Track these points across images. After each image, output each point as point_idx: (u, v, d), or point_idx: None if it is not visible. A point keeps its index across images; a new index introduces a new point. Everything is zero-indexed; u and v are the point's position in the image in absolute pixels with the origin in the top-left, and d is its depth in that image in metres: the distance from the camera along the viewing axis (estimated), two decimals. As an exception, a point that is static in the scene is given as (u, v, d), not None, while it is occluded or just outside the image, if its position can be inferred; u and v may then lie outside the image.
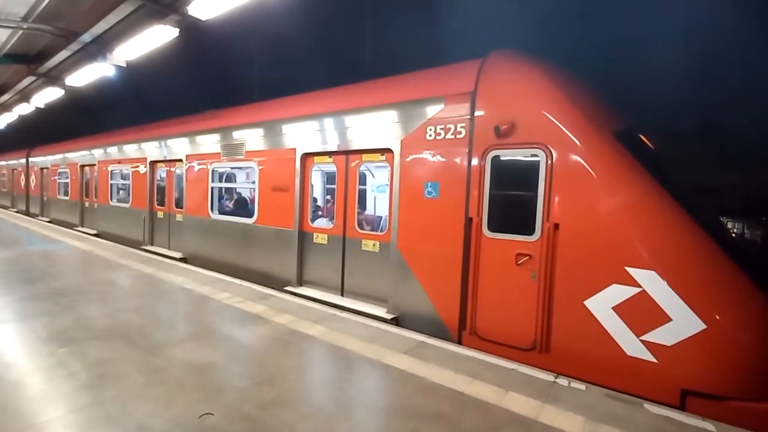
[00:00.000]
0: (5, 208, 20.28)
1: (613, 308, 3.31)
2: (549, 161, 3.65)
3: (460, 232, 4.16)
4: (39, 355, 3.49)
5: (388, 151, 4.89)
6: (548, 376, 3.33)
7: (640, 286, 3.20)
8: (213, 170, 7.68)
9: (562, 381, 3.26)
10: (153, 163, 9.47)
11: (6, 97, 9.69)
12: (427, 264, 4.49)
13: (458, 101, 4.26)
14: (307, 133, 5.86)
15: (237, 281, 6.26)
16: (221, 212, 7.77)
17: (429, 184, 4.43)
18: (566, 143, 3.59)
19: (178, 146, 8.56)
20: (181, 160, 8.45)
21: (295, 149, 5.99)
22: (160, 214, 9.44)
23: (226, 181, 8.38)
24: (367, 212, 7.26)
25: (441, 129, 4.35)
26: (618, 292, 3.29)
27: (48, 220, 15.18)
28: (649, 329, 3.19)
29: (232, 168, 7.85)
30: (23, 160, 18.64)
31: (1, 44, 6.47)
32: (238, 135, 7.07)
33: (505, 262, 3.90)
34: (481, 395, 3.04)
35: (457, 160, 4.22)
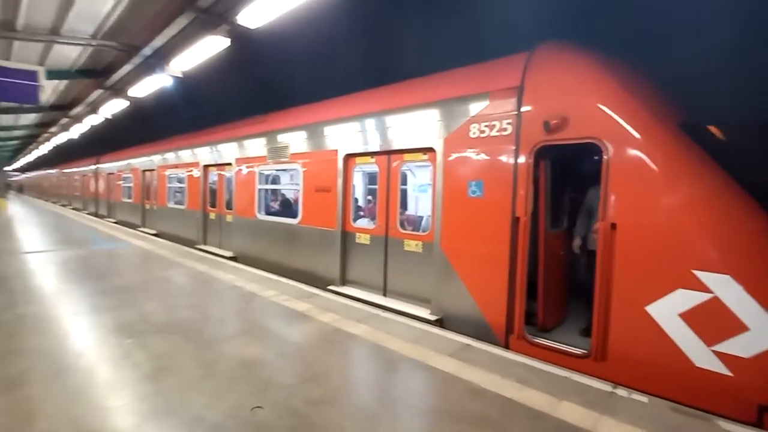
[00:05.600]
0: (78, 210, 22.36)
1: (679, 315, 3.04)
2: (605, 157, 3.43)
3: (507, 232, 4.01)
4: (107, 345, 3.78)
5: (431, 150, 4.83)
6: (605, 386, 3.12)
7: (712, 292, 2.92)
8: (259, 173, 7.98)
9: (622, 392, 3.05)
10: (206, 167, 10.02)
11: (78, 109, 10.67)
12: (471, 265, 4.38)
13: (504, 97, 4.11)
14: (348, 134, 5.93)
15: (283, 280, 6.46)
16: (267, 213, 8.06)
17: (473, 183, 4.31)
18: (624, 137, 3.35)
19: (228, 150, 8.99)
20: (230, 164, 8.87)
21: (337, 150, 6.08)
22: (212, 215, 9.98)
23: (271, 183, 8.69)
24: (408, 212, 7.23)
25: (485, 126, 4.22)
26: (685, 298, 3.02)
27: (114, 221, 16.53)
28: (722, 339, 2.90)
29: (277, 170, 8.13)
30: (93, 167, 20.48)
31: (73, 61, 7.10)
32: (282, 138, 7.31)
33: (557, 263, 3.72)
34: (531, 402, 2.90)
35: (503, 157, 4.08)
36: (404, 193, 5.67)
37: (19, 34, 5.45)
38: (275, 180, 9.02)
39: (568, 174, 4.27)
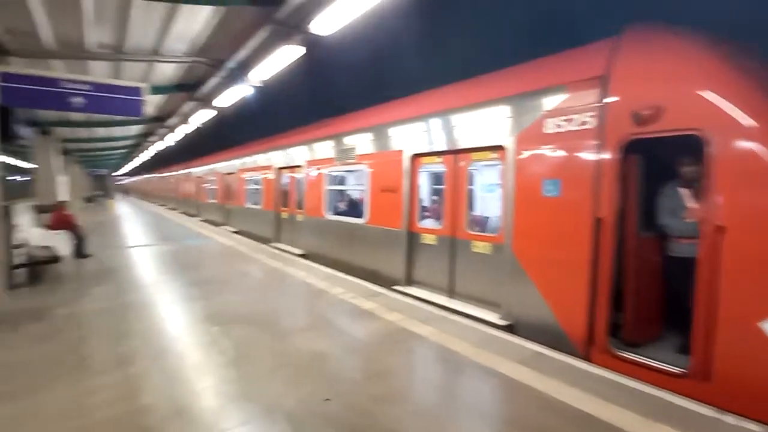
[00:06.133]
0: (172, 210, 25.11)
1: None
2: (709, 150, 3.01)
3: (587, 234, 3.70)
4: (197, 332, 4.18)
5: (500, 148, 4.64)
6: (709, 411, 2.74)
7: None
8: (327, 174, 8.30)
9: (729, 419, 2.64)
10: (278, 169, 10.67)
11: (173, 120, 12.00)
12: (546, 269, 4.11)
13: (584, 88, 3.80)
14: (414, 134, 5.92)
15: (350, 278, 6.63)
16: (335, 213, 8.35)
17: (548, 181, 4.05)
18: (735, 127, 2.91)
19: (299, 153, 9.49)
20: (301, 166, 9.35)
21: (402, 151, 6.10)
22: (284, 215, 10.59)
23: (338, 184, 8.99)
24: (473, 213, 7.02)
25: (563, 120, 3.94)
26: None
27: (201, 219, 18.29)
28: None
29: (344, 171, 8.39)
30: (183, 171, 22.89)
31: (170, 77, 7.99)
32: (349, 140, 7.52)
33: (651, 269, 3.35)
34: (616, 421, 2.64)
35: (584, 153, 3.77)
36: (471, 193, 5.51)
37: (127, 56, 6.27)
38: (342, 181, 9.31)
39: (665, 171, 3.80)
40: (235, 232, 13.30)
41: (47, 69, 6.39)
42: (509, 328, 4.39)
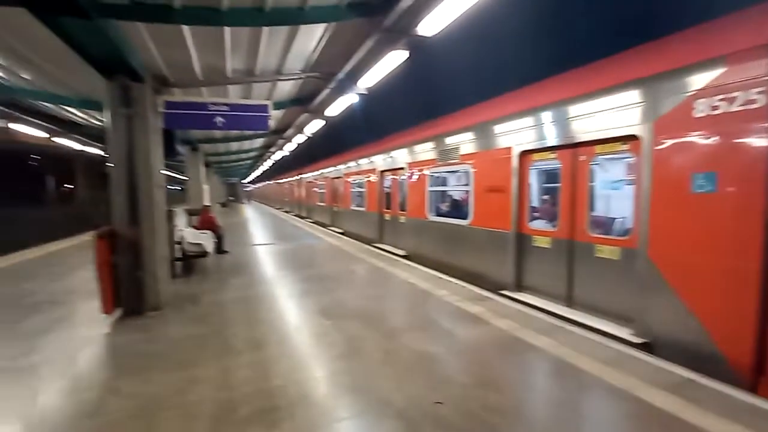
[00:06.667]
0: (287, 212, 27.95)
1: None
2: None
3: (757, 236, 2.99)
4: (313, 324, 4.52)
5: (633, 138, 4.04)
6: None
7: None
8: (429, 175, 8.29)
9: None
10: (381, 172, 11.05)
11: (290, 131, 13.31)
12: (696, 279, 3.44)
13: (751, 58, 3.09)
14: (524, 129, 5.54)
15: (453, 280, 6.50)
16: (437, 214, 8.29)
17: (700, 175, 3.39)
18: None
19: (401, 156, 9.68)
20: (402, 168, 9.52)
21: (511, 148, 5.76)
22: (387, 216, 10.92)
23: (441, 185, 8.91)
24: (596, 213, 6.28)
25: (719, 100, 3.26)
26: None
27: (312, 221, 19.97)
28: None
29: (446, 172, 8.28)
30: (296, 178, 25.29)
31: (288, 93, 8.86)
32: (451, 140, 7.39)
33: None
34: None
35: (751, 138, 3.06)
36: (592, 190, 4.91)
37: (256, 78, 7.12)
38: (445, 182, 9.21)
39: None
40: (341, 233, 14.16)
41: (197, 95, 7.67)
42: (645, 347, 3.79)
